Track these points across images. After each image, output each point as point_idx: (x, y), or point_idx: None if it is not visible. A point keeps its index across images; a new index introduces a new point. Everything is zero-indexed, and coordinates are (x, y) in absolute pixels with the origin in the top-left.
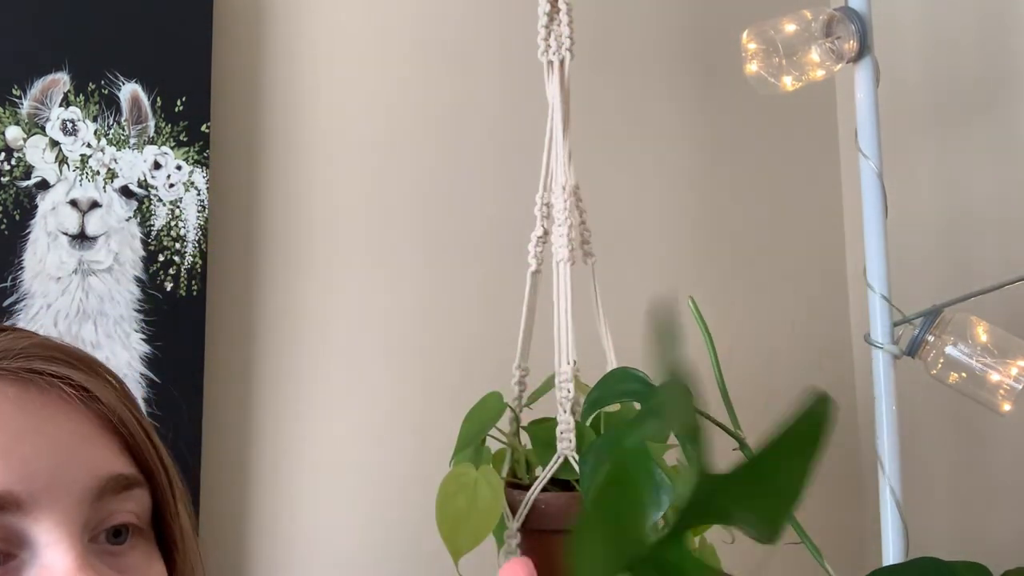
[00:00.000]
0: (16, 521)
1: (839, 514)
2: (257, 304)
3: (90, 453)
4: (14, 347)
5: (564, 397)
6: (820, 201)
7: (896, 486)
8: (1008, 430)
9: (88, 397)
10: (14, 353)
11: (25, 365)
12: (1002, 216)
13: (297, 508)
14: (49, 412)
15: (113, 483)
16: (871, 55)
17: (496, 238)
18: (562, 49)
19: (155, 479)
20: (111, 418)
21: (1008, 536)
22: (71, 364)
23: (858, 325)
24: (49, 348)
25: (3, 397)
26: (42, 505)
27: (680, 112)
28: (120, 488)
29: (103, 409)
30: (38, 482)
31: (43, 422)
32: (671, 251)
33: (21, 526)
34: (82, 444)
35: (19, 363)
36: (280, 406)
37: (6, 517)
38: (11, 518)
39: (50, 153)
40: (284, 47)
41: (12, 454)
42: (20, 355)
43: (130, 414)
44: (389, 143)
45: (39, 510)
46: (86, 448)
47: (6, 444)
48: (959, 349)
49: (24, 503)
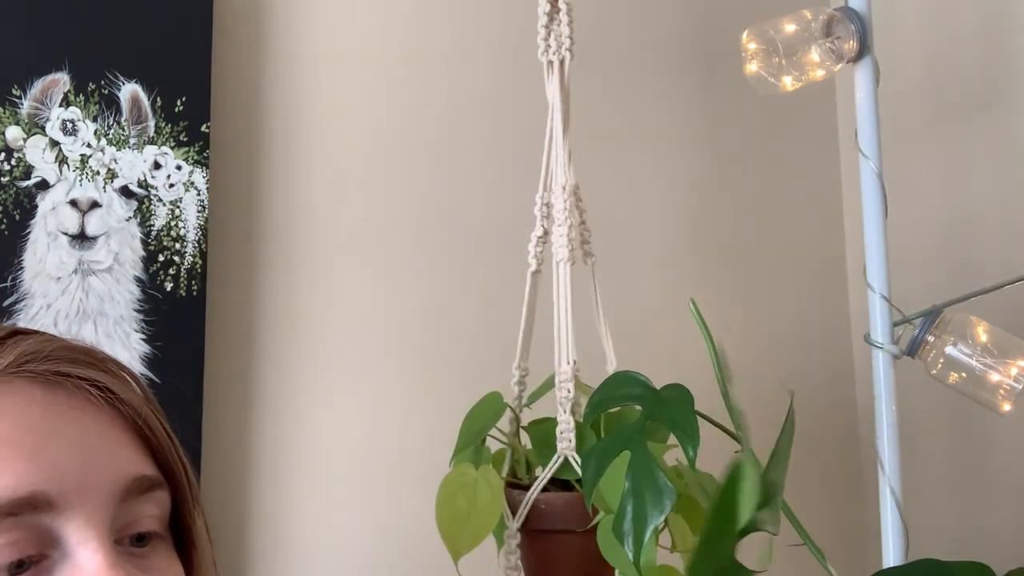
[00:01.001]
0: (48, 521)
1: (839, 514)
2: (257, 304)
3: (116, 454)
4: (42, 350)
5: (564, 397)
6: (820, 201)
7: (896, 486)
8: (1008, 430)
9: (114, 399)
10: (42, 356)
11: (52, 368)
12: (1002, 216)
13: (297, 508)
14: (76, 414)
15: (137, 484)
16: (871, 55)
17: (496, 238)
18: (562, 49)
19: (175, 480)
20: (136, 419)
21: (1008, 536)
22: (96, 367)
23: (858, 325)
24: (75, 351)
25: (31, 399)
26: (72, 505)
27: (680, 112)
28: (144, 489)
29: (128, 411)
30: (68, 483)
31: (71, 424)
32: (671, 251)
33: (53, 526)
34: (109, 445)
35: (47, 366)
36: (280, 406)
37: (38, 517)
38: (43, 518)
39: (50, 153)
40: (284, 47)
41: (42, 455)
42: (48, 358)
43: (153, 416)
44: (389, 143)
45: (70, 510)
46: (112, 449)
47: (36, 446)
48: (959, 349)
49: (55, 503)
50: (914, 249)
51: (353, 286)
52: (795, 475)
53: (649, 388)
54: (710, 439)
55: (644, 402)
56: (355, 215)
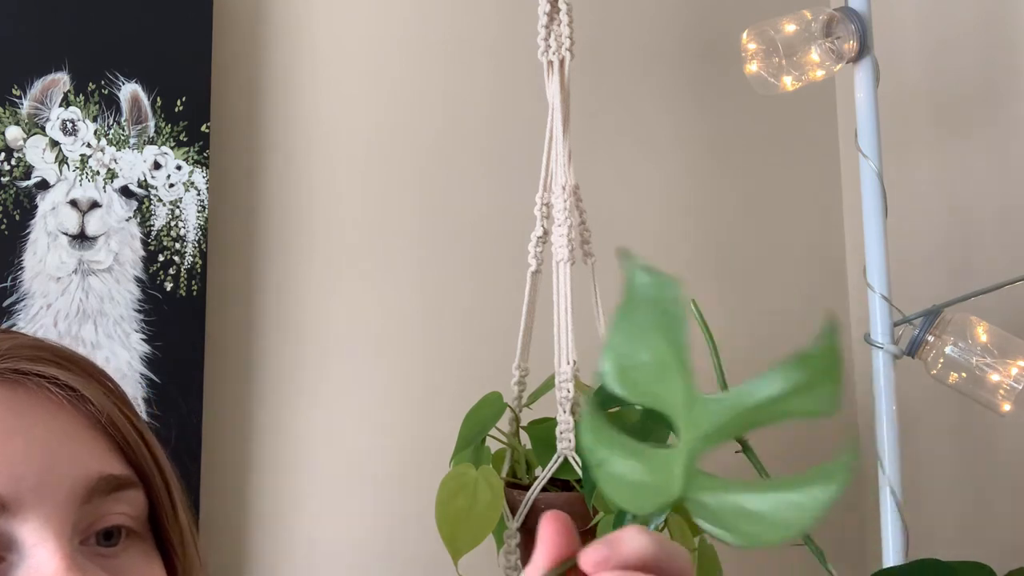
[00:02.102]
0: (2, 523)
1: (839, 514)
2: (257, 304)
3: (78, 453)
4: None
5: (564, 397)
6: (820, 201)
7: (896, 486)
8: (1008, 430)
9: (76, 397)
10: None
11: (12, 366)
12: (1002, 216)
13: (297, 508)
14: (36, 413)
15: (103, 484)
16: (871, 55)
17: (496, 238)
18: (562, 49)
19: (150, 481)
20: (100, 419)
21: (1008, 536)
22: (59, 364)
23: (858, 325)
24: (35, 348)
25: None
26: (28, 506)
27: (680, 112)
28: (111, 489)
29: (93, 409)
30: (24, 483)
31: (30, 423)
32: (671, 251)
33: (7, 528)
34: (70, 444)
35: (6, 364)
36: (280, 406)
37: None
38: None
39: (50, 153)
40: (284, 47)
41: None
42: (6, 356)
43: (122, 415)
44: (389, 143)
45: (25, 511)
46: (74, 448)
47: None
48: (959, 349)
49: (10, 504)
50: (914, 249)
51: (353, 285)
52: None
53: None
54: None
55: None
56: (355, 214)
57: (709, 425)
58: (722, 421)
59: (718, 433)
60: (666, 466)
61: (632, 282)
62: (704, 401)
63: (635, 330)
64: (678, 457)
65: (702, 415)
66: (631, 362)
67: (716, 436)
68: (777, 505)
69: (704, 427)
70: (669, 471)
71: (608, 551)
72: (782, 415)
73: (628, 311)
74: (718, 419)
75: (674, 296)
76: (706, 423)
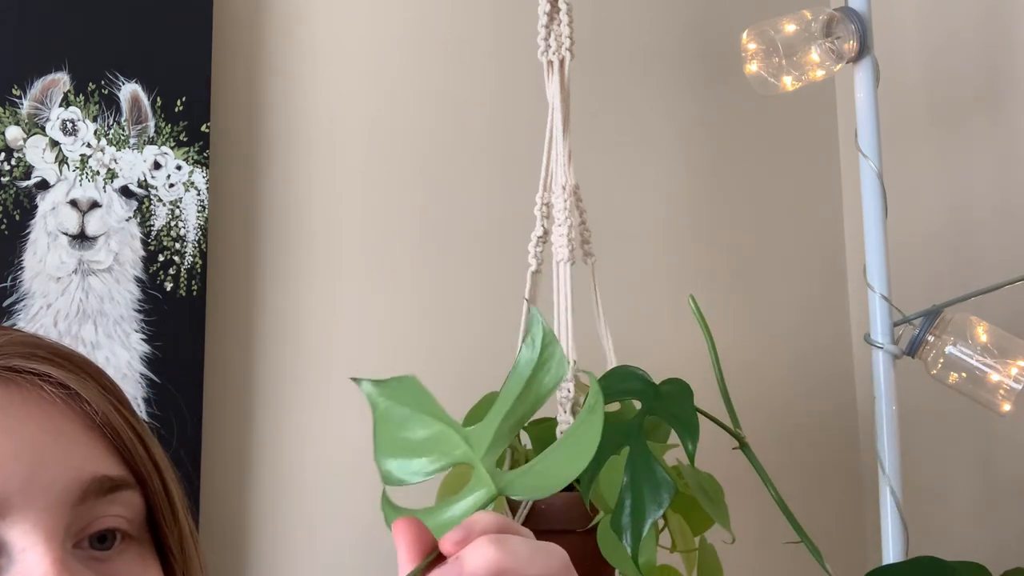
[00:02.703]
0: None
1: (839, 514)
2: (257, 304)
3: (71, 453)
4: None
5: (564, 397)
6: (820, 201)
7: (896, 486)
8: (1008, 430)
9: (71, 396)
10: None
11: (5, 363)
12: (1002, 216)
13: (297, 508)
14: (29, 411)
15: (97, 485)
16: (871, 55)
17: (496, 238)
18: (562, 49)
19: (147, 483)
20: (96, 418)
21: (1009, 536)
22: (54, 362)
23: (858, 325)
24: (30, 345)
25: None
26: (17, 508)
27: (680, 112)
28: (105, 490)
29: (88, 409)
30: (13, 484)
31: (21, 422)
32: (671, 251)
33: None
34: (63, 444)
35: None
36: (280, 406)
37: None
38: None
39: (50, 153)
40: (283, 47)
41: None
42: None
43: (118, 415)
44: (389, 142)
45: (15, 513)
46: (67, 448)
47: None
48: (959, 349)
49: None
50: (914, 249)
51: (353, 284)
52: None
53: (648, 382)
54: (709, 438)
55: (643, 396)
56: (355, 214)
57: (488, 441)
58: (494, 434)
59: (497, 442)
60: (480, 475)
61: (372, 400)
62: (473, 430)
63: (395, 427)
64: (481, 469)
65: (478, 439)
66: (410, 450)
67: (497, 444)
68: (556, 459)
69: (486, 443)
70: (484, 478)
71: (464, 531)
72: (536, 401)
73: (383, 420)
74: (488, 435)
75: (408, 383)
76: (485, 441)
